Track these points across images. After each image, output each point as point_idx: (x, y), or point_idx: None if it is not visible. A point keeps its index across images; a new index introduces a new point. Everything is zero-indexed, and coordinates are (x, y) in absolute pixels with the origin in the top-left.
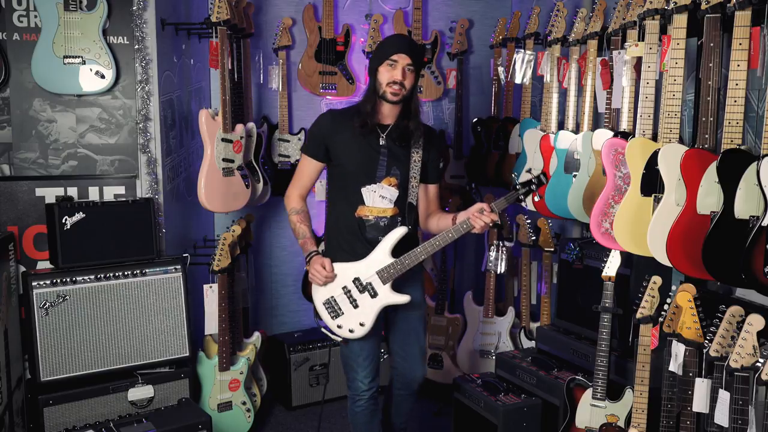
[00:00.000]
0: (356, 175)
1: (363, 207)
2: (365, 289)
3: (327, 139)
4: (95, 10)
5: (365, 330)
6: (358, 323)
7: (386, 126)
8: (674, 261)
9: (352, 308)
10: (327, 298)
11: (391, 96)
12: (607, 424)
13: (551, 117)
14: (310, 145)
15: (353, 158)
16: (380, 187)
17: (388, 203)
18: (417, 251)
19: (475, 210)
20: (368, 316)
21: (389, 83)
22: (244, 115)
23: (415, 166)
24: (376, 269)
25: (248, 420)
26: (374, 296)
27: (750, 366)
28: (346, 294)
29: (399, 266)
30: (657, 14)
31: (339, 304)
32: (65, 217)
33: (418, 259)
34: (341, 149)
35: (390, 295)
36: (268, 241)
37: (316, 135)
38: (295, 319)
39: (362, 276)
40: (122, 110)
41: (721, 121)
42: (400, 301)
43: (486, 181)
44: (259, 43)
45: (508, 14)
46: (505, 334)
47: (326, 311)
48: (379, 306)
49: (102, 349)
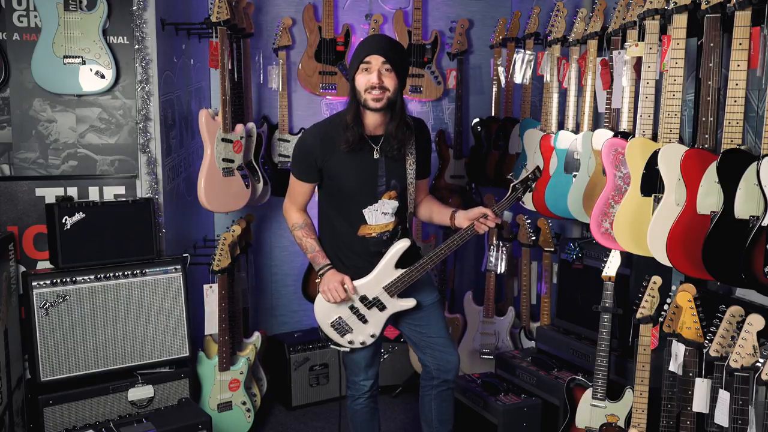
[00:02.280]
0: (356, 197)
1: (365, 226)
2: (373, 305)
3: (319, 162)
4: (95, 10)
5: (375, 338)
6: (369, 335)
7: (378, 137)
8: (674, 261)
9: (361, 324)
10: (334, 319)
11: (373, 102)
12: (607, 424)
13: (551, 117)
14: (302, 169)
15: (351, 179)
16: (382, 204)
17: (390, 218)
18: (424, 262)
19: (478, 215)
20: (378, 327)
21: (367, 89)
22: (244, 115)
23: (411, 172)
24: (383, 285)
25: (248, 420)
26: (382, 309)
27: (750, 366)
28: (354, 313)
29: (407, 279)
30: (657, 14)
31: (347, 323)
32: (65, 217)
33: (425, 270)
34: (336, 170)
35: (397, 303)
36: (268, 241)
37: (306, 159)
38: (295, 319)
39: (369, 293)
40: (122, 110)
41: (721, 121)
42: (407, 306)
43: (486, 181)
44: (259, 43)
45: (508, 14)
46: (505, 334)
47: (334, 332)
48: (388, 315)
49: (102, 349)
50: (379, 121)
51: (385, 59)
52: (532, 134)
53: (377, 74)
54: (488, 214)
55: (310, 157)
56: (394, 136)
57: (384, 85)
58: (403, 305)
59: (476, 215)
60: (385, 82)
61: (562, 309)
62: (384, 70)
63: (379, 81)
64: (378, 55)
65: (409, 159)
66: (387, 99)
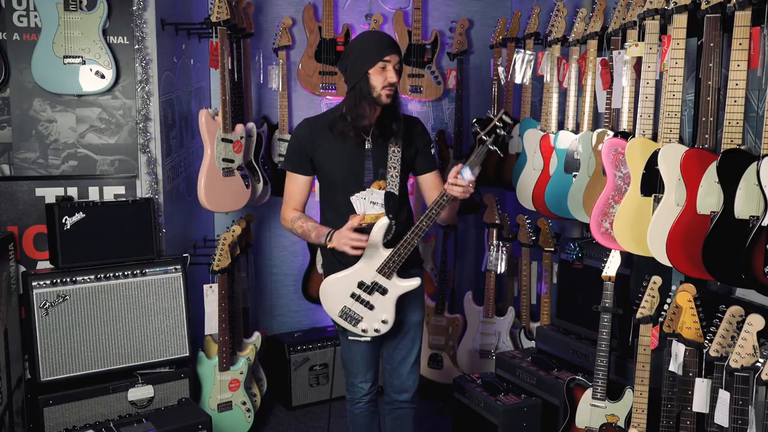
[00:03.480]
0: (343, 185)
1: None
2: (374, 290)
3: (309, 150)
4: (95, 10)
5: (389, 325)
6: (380, 321)
7: (368, 127)
8: (674, 261)
9: (368, 311)
10: (341, 309)
11: (386, 98)
12: (607, 424)
13: (551, 117)
14: (293, 159)
15: (338, 167)
16: (370, 193)
17: (379, 208)
18: (408, 237)
19: (451, 177)
20: (387, 311)
21: (385, 86)
22: (244, 115)
23: (394, 158)
24: (375, 268)
25: (248, 420)
26: (384, 293)
27: (750, 366)
28: (357, 300)
29: (396, 257)
30: (657, 14)
31: (355, 311)
32: (65, 217)
33: (412, 245)
34: (324, 159)
35: (399, 284)
36: (268, 241)
37: (296, 149)
38: (295, 319)
39: (365, 278)
40: (122, 110)
41: (721, 121)
42: (412, 285)
43: (486, 181)
44: (259, 43)
45: (508, 14)
46: (505, 334)
47: (346, 322)
48: (394, 298)
49: (102, 349)
50: (372, 113)
51: (400, 59)
52: (532, 134)
53: (394, 72)
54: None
55: (301, 146)
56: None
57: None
58: (406, 285)
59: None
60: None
61: (562, 309)
62: (397, 68)
63: (397, 79)
64: (396, 55)
65: (392, 147)
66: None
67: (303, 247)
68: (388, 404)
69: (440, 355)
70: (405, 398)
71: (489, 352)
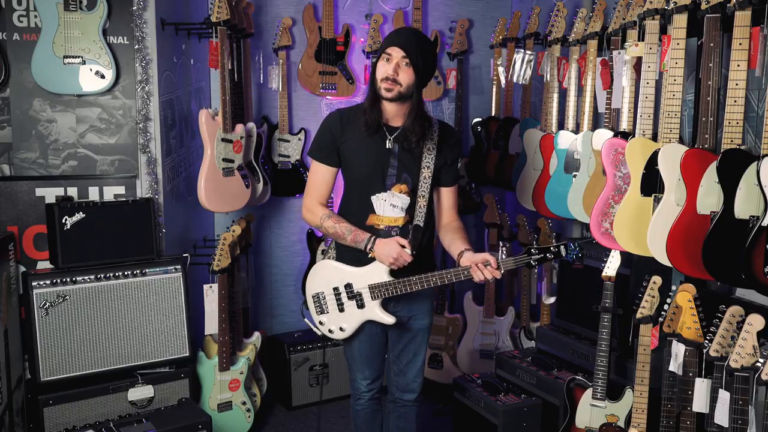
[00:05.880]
0: (365, 183)
1: (373, 216)
2: (354, 298)
3: (338, 139)
4: (95, 10)
5: (345, 335)
6: (338, 327)
7: (395, 128)
8: (674, 261)
9: (337, 311)
10: (317, 291)
11: (385, 92)
12: (607, 424)
13: (551, 117)
14: (322, 149)
15: (362, 163)
16: (391, 195)
17: (399, 212)
18: (412, 280)
19: (481, 260)
20: (350, 323)
21: (382, 79)
22: (244, 115)
23: (426, 171)
24: (369, 282)
25: (248, 420)
26: (361, 307)
27: (750, 366)
28: (335, 295)
29: (392, 289)
30: (657, 14)
31: (326, 302)
32: (65, 217)
33: (411, 289)
34: (350, 153)
35: (377, 311)
36: (268, 241)
37: (326, 138)
38: (295, 319)
39: (355, 284)
40: (122, 110)
41: (721, 121)
42: (385, 320)
43: (486, 181)
44: (259, 43)
45: (508, 14)
46: (505, 334)
47: (313, 304)
48: (364, 318)
49: (102, 349)
50: (396, 112)
51: (405, 53)
52: (532, 134)
53: (394, 66)
54: (490, 261)
55: (331, 135)
56: (411, 130)
57: (397, 79)
58: (381, 317)
59: (479, 259)
60: (400, 75)
61: (562, 309)
62: (403, 63)
63: (394, 73)
64: (399, 48)
65: (426, 157)
66: (398, 92)
67: (303, 247)
68: (392, 402)
69: (440, 355)
70: (410, 398)
71: (489, 352)
